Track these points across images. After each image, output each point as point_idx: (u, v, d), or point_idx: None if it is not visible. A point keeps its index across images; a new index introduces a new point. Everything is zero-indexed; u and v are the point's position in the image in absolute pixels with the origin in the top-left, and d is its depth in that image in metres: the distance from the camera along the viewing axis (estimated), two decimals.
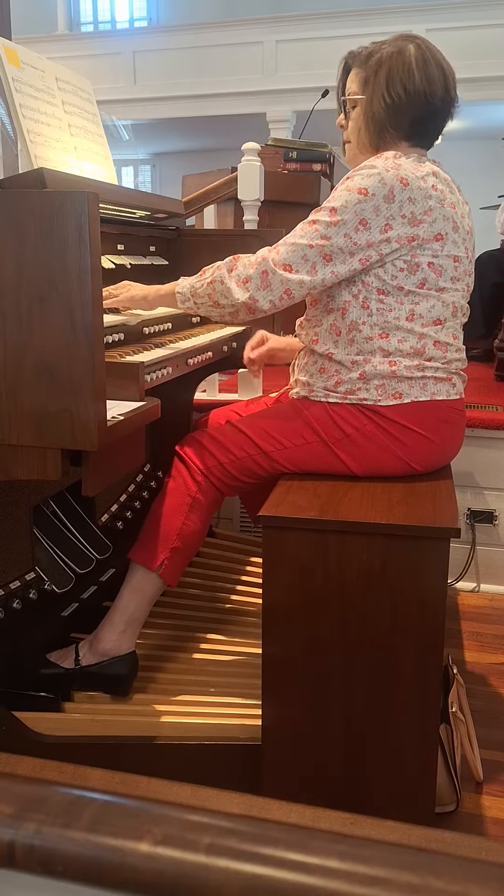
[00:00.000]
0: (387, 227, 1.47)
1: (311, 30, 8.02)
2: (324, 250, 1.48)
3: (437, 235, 1.51)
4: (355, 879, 0.34)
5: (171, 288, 1.66)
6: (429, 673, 1.38)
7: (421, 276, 1.52)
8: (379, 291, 1.52)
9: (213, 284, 1.57)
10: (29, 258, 1.10)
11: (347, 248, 1.48)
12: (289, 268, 1.49)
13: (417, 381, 1.55)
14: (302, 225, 1.52)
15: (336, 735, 1.43)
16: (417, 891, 0.34)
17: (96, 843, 0.37)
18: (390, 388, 1.55)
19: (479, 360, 3.93)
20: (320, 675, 1.42)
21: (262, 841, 0.36)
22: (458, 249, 1.55)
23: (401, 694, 1.39)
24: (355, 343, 1.55)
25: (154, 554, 1.62)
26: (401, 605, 1.36)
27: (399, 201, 1.47)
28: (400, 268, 1.51)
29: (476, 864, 0.35)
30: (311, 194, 3.67)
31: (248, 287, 1.52)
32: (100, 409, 1.15)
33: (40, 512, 1.74)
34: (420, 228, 1.49)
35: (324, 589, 1.39)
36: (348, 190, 1.48)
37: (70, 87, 1.79)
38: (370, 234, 1.47)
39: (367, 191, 1.46)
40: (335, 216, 1.47)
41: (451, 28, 7.60)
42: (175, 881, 0.35)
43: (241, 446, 1.63)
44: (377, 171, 1.48)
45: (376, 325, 1.53)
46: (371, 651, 1.39)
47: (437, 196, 1.51)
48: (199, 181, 3.76)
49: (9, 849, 0.37)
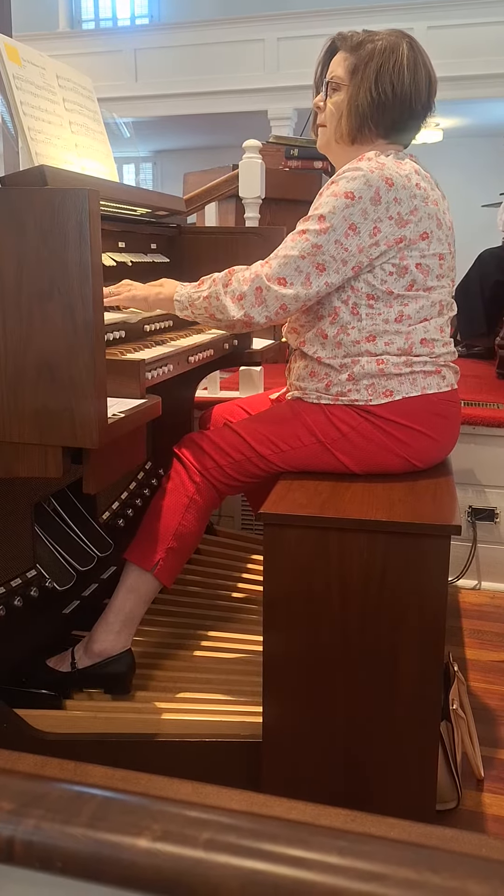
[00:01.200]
0: (375, 231, 1.47)
1: (312, 27, 8.00)
2: (316, 260, 1.47)
3: (423, 234, 1.51)
4: (354, 875, 0.34)
5: (170, 294, 1.65)
6: (430, 670, 1.38)
7: (409, 278, 1.52)
8: (369, 297, 1.53)
9: (209, 300, 1.57)
10: (30, 256, 1.10)
11: (339, 256, 1.47)
12: (283, 281, 1.49)
13: (407, 377, 1.55)
14: (292, 236, 1.52)
15: (337, 732, 1.43)
16: (416, 886, 0.34)
17: (95, 838, 0.37)
18: (380, 387, 1.55)
19: (480, 357, 3.93)
20: (321, 672, 1.42)
21: (262, 837, 0.36)
22: (443, 247, 1.56)
23: (402, 691, 1.39)
24: (343, 346, 1.56)
25: (149, 554, 1.61)
26: (402, 602, 1.36)
27: (385, 202, 1.47)
28: (389, 272, 1.51)
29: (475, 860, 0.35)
30: (312, 192, 3.64)
31: (242, 304, 1.52)
32: (101, 407, 1.15)
33: (41, 509, 1.74)
34: (407, 229, 1.49)
35: (325, 586, 1.39)
36: (334, 195, 1.48)
37: (71, 84, 1.79)
38: (360, 238, 1.47)
39: (353, 194, 1.46)
40: (324, 223, 1.47)
41: (451, 25, 7.60)
42: (174, 877, 0.35)
43: (238, 449, 1.63)
44: (362, 172, 1.47)
45: (364, 330, 1.54)
46: (372, 648, 1.39)
47: (420, 195, 1.51)
48: (200, 179, 3.76)
49: (8, 845, 0.37)
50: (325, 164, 3.75)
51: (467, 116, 8.77)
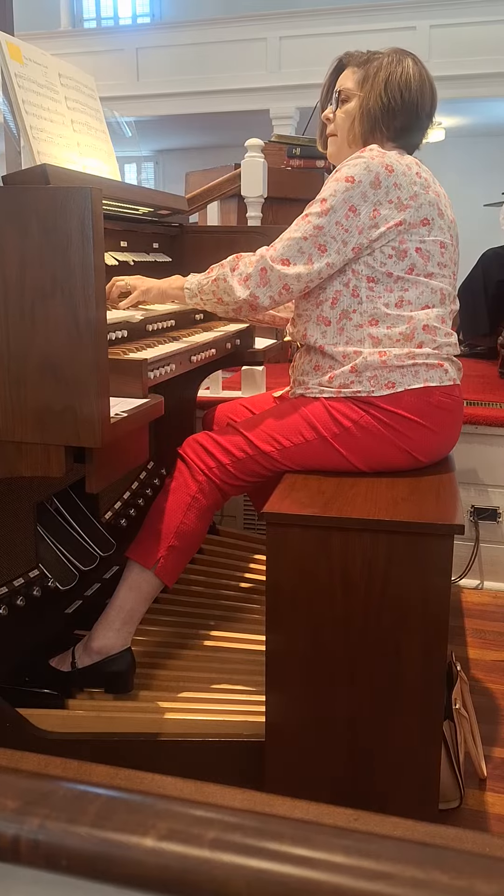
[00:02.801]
0: (374, 213, 1.53)
1: (314, 26, 8.00)
2: (318, 240, 1.54)
3: (424, 220, 1.56)
4: (360, 874, 0.34)
5: (181, 282, 1.73)
6: (433, 670, 1.38)
7: (409, 261, 1.56)
8: (368, 279, 1.57)
9: (216, 282, 1.64)
10: (32, 255, 1.10)
11: (340, 237, 1.53)
12: (286, 262, 1.55)
13: (409, 370, 1.57)
14: (296, 220, 1.59)
15: (340, 732, 1.43)
16: (423, 886, 0.34)
17: (101, 838, 0.37)
18: (383, 379, 1.56)
19: (483, 357, 3.93)
20: (324, 672, 1.41)
21: (267, 836, 0.36)
22: (444, 236, 1.61)
23: (405, 691, 1.39)
24: (345, 332, 1.59)
25: (151, 552, 1.61)
26: (405, 602, 1.36)
27: (385, 187, 1.53)
28: (388, 254, 1.55)
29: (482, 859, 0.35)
30: (314, 191, 3.64)
31: (248, 284, 1.58)
32: (103, 407, 1.14)
33: (44, 509, 1.74)
34: (406, 213, 1.54)
35: (328, 586, 1.38)
36: (336, 180, 1.55)
37: (73, 82, 1.79)
38: (360, 219, 1.53)
39: (353, 178, 1.53)
40: (325, 205, 1.54)
41: (454, 24, 7.59)
42: (180, 876, 0.35)
43: (241, 448, 1.63)
44: (363, 159, 1.55)
45: (366, 313, 1.57)
46: (375, 648, 1.39)
47: (421, 182, 1.58)
48: (202, 178, 3.76)
49: (13, 843, 0.37)
50: (326, 164, 3.75)
51: (469, 115, 8.76)
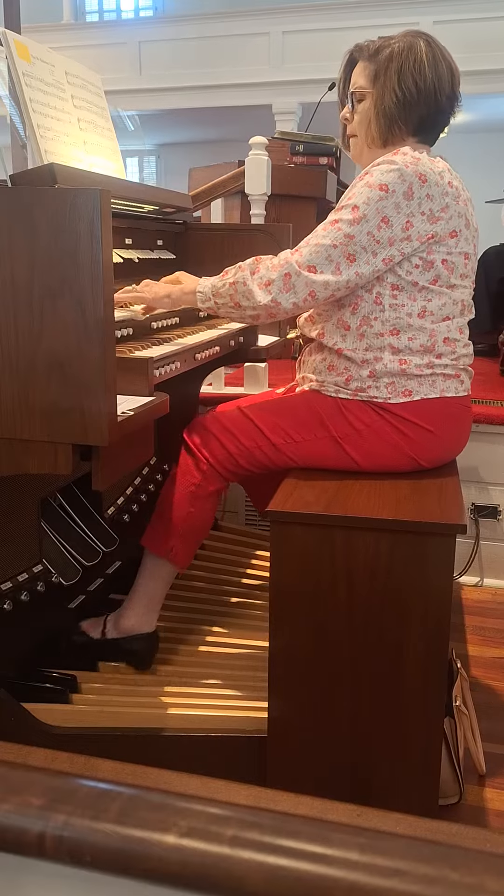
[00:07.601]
0: (408, 225, 1.48)
1: (318, 21, 7.97)
2: (347, 249, 1.48)
3: (452, 233, 1.52)
4: (375, 871, 0.35)
5: (193, 286, 1.63)
6: (434, 667, 1.39)
7: (434, 273, 1.53)
8: (393, 287, 1.53)
9: (234, 286, 1.55)
10: (41, 255, 1.11)
11: (370, 248, 1.48)
12: (313, 269, 1.49)
13: (427, 379, 1.56)
14: (324, 225, 1.52)
15: (341, 728, 1.44)
16: (434, 882, 0.35)
17: (123, 834, 0.38)
18: (400, 386, 1.56)
19: (484, 355, 3.93)
20: (326, 668, 1.43)
21: (284, 833, 0.37)
22: (469, 246, 1.57)
23: (406, 687, 1.40)
24: (365, 338, 1.56)
25: (162, 540, 1.70)
26: (406, 600, 1.38)
27: (418, 198, 1.48)
28: (415, 264, 1.52)
29: (492, 857, 0.36)
30: (317, 188, 3.66)
31: (270, 290, 1.50)
32: (111, 405, 1.15)
33: (47, 505, 1.75)
34: (438, 226, 1.50)
35: (331, 583, 1.40)
36: (368, 186, 1.49)
37: (79, 81, 1.79)
38: (392, 231, 1.48)
39: (387, 187, 1.47)
40: (357, 213, 1.47)
41: (457, 20, 7.55)
42: (200, 872, 0.36)
43: (251, 436, 1.63)
44: (397, 166, 1.48)
45: (387, 322, 1.54)
46: (377, 645, 1.40)
47: (452, 193, 1.52)
48: (206, 174, 3.76)
49: (39, 839, 0.38)
50: (330, 160, 3.75)
51: (472, 112, 8.73)
